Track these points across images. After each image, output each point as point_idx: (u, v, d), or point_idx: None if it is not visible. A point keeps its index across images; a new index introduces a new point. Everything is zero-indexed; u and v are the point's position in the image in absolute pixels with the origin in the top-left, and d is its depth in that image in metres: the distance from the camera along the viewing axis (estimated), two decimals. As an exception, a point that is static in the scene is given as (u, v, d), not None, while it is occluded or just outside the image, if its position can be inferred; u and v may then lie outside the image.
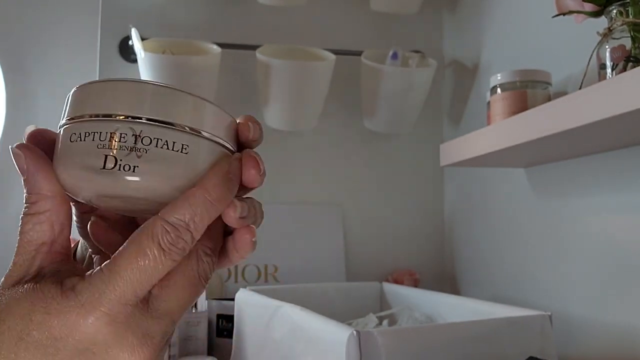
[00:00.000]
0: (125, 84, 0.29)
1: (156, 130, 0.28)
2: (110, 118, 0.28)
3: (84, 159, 0.28)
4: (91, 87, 0.30)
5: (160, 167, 0.28)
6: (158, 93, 0.29)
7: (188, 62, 1.18)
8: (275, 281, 1.28)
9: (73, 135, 0.29)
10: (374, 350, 0.63)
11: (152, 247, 0.27)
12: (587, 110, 0.64)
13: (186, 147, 0.29)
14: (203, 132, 0.30)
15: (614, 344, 0.86)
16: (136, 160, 0.28)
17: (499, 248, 1.18)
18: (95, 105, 0.29)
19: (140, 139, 0.28)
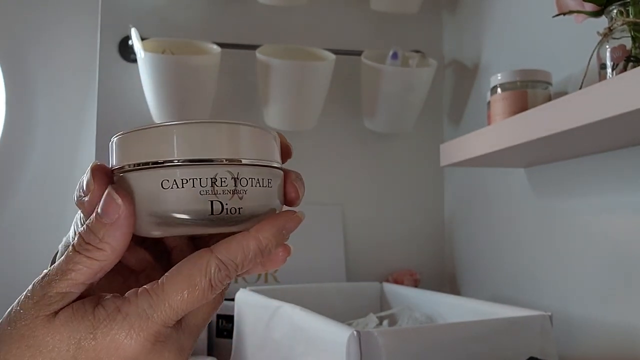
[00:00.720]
0: (217, 126, 0.29)
1: (249, 170, 0.30)
2: (207, 163, 0.29)
3: (185, 206, 0.28)
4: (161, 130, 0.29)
5: (259, 204, 0.30)
6: (246, 133, 0.30)
7: (188, 62, 1.17)
8: (275, 281, 1.28)
9: (165, 182, 0.28)
10: (374, 350, 0.63)
11: (202, 282, 0.28)
12: (587, 110, 0.64)
13: (270, 180, 0.31)
14: (275, 164, 0.32)
15: (614, 344, 0.86)
16: (239, 202, 0.29)
17: (499, 248, 1.18)
18: (186, 148, 0.29)
19: (239, 181, 0.29)
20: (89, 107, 1.32)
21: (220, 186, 0.29)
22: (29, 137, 1.32)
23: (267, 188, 0.31)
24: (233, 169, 0.29)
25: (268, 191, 0.31)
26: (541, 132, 0.73)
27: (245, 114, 1.32)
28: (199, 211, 0.29)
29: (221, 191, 0.29)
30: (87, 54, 1.32)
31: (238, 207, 0.29)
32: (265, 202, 0.31)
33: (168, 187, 0.28)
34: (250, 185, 0.30)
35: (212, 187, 0.29)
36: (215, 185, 0.29)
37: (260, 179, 0.30)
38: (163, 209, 0.29)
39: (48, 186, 1.31)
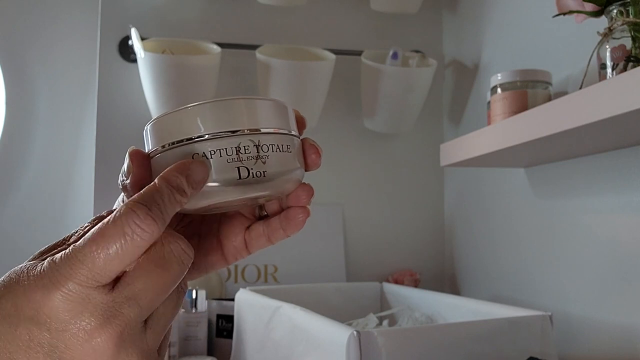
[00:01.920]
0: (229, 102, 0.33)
1: (269, 137, 0.33)
2: (230, 134, 0.32)
3: (215, 175, 0.32)
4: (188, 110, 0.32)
5: (281, 167, 0.33)
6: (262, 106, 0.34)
7: (188, 62, 1.17)
8: (275, 281, 1.28)
9: (195, 155, 0.32)
10: (374, 350, 0.63)
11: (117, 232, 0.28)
12: (587, 110, 0.64)
13: (289, 146, 0.34)
14: (292, 132, 0.35)
15: (614, 344, 0.86)
16: (263, 166, 0.32)
17: (499, 248, 1.18)
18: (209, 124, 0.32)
19: (260, 147, 0.32)
20: (89, 107, 1.32)
21: (245, 153, 0.32)
22: (29, 137, 1.32)
23: (287, 153, 0.34)
24: (254, 137, 0.32)
25: (287, 155, 0.34)
26: (541, 132, 0.73)
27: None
28: (229, 178, 0.32)
29: (245, 158, 0.32)
30: (87, 54, 1.32)
31: (262, 170, 0.32)
32: (286, 165, 0.34)
33: (199, 159, 0.32)
34: (271, 151, 0.33)
35: (237, 154, 0.32)
36: (240, 153, 0.32)
37: (280, 145, 0.33)
38: None
39: (48, 186, 1.31)
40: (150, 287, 0.29)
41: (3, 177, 1.29)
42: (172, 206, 0.30)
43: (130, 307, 0.28)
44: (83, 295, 0.27)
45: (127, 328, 0.28)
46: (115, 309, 0.28)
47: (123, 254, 0.28)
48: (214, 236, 0.39)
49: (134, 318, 0.28)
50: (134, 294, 0.28)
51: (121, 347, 0.28)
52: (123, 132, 1.26)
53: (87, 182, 1.28)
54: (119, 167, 0.35)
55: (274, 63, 1.20)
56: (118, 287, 0.28)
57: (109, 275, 0.28)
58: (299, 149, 0.36)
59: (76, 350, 0.27)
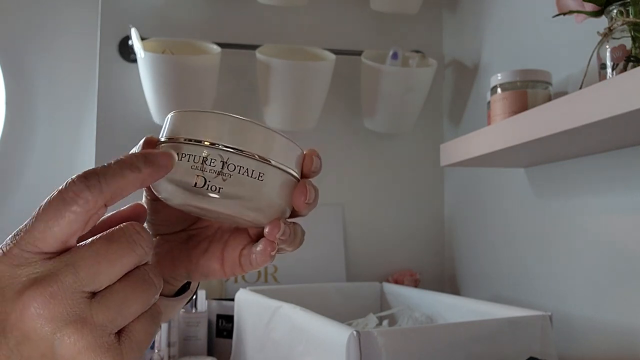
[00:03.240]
0: (217, 116, 0.34)
1: (239, 158, 0.34)
2: (202, 144, 0.34)
3: (180, 176, 0.34)
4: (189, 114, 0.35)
5: (239, 190, 0.34)
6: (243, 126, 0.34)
7: (188, 62, 1.17)
8: (275, 281, 1.28)
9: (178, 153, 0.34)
10: (374, 350, 0.63)
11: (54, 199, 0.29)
12: (587, 110, 0.64)
13: (262, 174, 0.34)
14: (273, 162, 0.35)
15: (614, 344, 0.86)
16: (222, 183, 0.33)
17: (498, 248, 1.18)
18: (190, 130, 0.34)
19: (227, 165, 0.33)
20: (89, 107, 1.32)
21: (209, 165, 0.33)
22: (29, 137, 1.32)
23: (256, 180, 0.34)
24: (224, 154, 0.34)
25: (255, 183, 0.34)
26: (541, 132, 0.73)
27: (245, 114, 1.32)
28: (185, 182, 0.34)
29: (208, 170, 0.33)
30: (87, 54, 1.32)
31: (219, 186, 0.33)
32: (250, 191, 0.34)
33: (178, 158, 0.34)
34: (237, 172, 0.34)
35: (202, 164, 0.33)
36: (204, 164, 0.33)
37: (249, 170, 0.34)
38: (168, 178, 0.34)
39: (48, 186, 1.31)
40: (91, 255, 0.29)
41: (3, 177, 1.29)
42: (116, 178, 0.30)
43: (66, 272, 0.28)
44: (23, 258, 0.28)
45: (60, 290, 0.28)
46: (51, 271, 0.28)
47: (60, 218, 0.29)
48: (221, 246, 0.40)
49: (69, 283, 0.28)
50: (73, 261, 0.29)
51: (50, 304, 0.28)
52: (123, 132, 1.26)
53: (87, 182, 1.28)
54: None
55: (274, 63, 1.20)
56: (60, 256, 0.29)
57: (49, 242, 0.29)
58: (283, 185, 0.36)
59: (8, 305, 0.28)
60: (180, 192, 0.34)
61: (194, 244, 0.41)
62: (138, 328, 0.30)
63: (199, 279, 0.41)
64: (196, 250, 0.40)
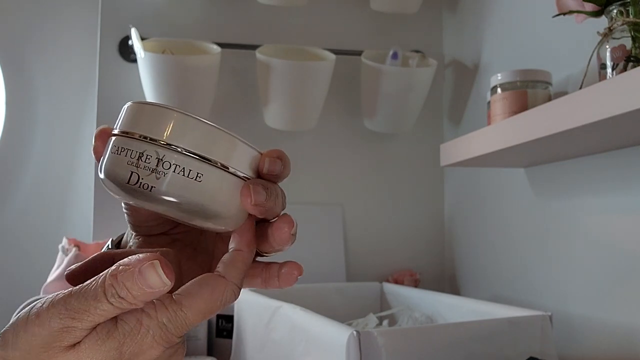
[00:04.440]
0: (161, 110, 0.33)
1: (177, 156, 0.32)
2: (139, 139, 0.32)
3: (116, 171, 0.33)
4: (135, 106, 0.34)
5: (176, 190, 0.32)
6: (187, 123, 0.32)
7: (188, 62, 1.17)
8: (275, 281, 1.28)
9: (114, 147, 0.33)
10: (374, 350, 0.63)
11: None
12: (587, 110, 0.64)
13: (200, 175, 0.32)
14: (216, 162, 0.33)
15: (614, 344, 0.86)
16: (155, 182, 0.32)
17: (499, 248, 1.18)
18: (132, 123, 0.33)
19: (162, 163, 0.32)
20: (89, 107, 1.32)
21: (144, 162, 0.32)
22: (29, 137, 1.32)
23: (193, 181, 0.32)
24: (160, 151, 0.32)
25: (192, 183, 0.32)
26: (541, 132, 0.73)
27: (245, 114, 1.32)
28: (121, 177, 0.32)
29: (143, 166, 0.32)
30: (87, 54, 1.32)
31: (152, 185, 0.32)
32: (185, 191, 0.32)
33: (114, 152, 0.33)
34: (173, 171, 0.32)
35: (137, 160, 0.32)
36: (140, 160, 0.32)
37: (186, 169, 0.32)
38: (106, 169, 0.33)
39: (48, 186, 1.31)
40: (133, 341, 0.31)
41: (3, 177, 1.29)
42: None
43: None
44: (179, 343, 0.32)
45: None
46: None
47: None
48: (208, 256, 0.40)
49: None
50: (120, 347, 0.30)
51: None
52: (123, 132, 1.26)
53: (86, 182, 1.28)
54: None
55: (274, 63, 1.20)
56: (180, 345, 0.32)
57: None
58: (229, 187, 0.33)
59: None
60: (117, 189, 0.33)
61: (178, 248, 0.40)
62: None
63: None
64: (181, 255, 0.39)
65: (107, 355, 0.29)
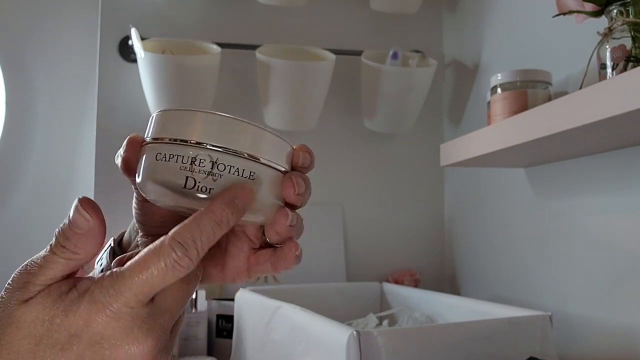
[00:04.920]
0: (205, 115, 0.34)
1: (229, 158, 0.33)
2: (190, 144, 0.33)
3: (168, 177, 0.33)
4: (175, 113, 0.34)
5: None
6: (231, 124, 0.34)
7: (188, 62, 1.17)
8: (275, 281, 1.28)
9: (158, 154, 0.33)
10: (374, 350, 0.63)
11: (157, 264, 0.31)
12: (587, 110, 0.64)
13: (253, 173, 0.34)
14: (263, 159, 0.35)
15: (614, 344, 0.86)
16: (212, 184, 0.33)
17: (498, 248, 1.18)
18: (177, 130, 0.33)
19: (216, 165, 0.33)
20: (89, 107, 1.32)
21: (198, 166, 0.33)
22: (29, 137, 1.32)
23: (248, 180, 0.34)
24: (213, 154, 0.33)
25: (249, 183, 0.34)
26: (541, 132, 0.73)
27: (245, 114, 1.32)
28: (176, 183, 0.33)
29: (198, 170, 0.33)
30: (87, 54, 1.32)
31: (209, 187, 0.33)
32: None
33: (160, 159, 0.33)
34: (228, 172, 0.33)
35: (191, 165, 0.33)
36: (193, 164, 0.33)
37: (240, 169, 0.34)
38: (153, 177, 0.34)
39: (48, 186, 1.31)
40: (179, 299, 0.33)
41: (3, 177, 1.29)
42: (210, 241, 0.32)
43: (164, 317, 0.32)
44: (132, 314, 0.31)
45: (163, 334, 0.32)
46: (154, 319, 0.32)
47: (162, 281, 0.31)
48: (219, 251, 0.41)
49: (167, 326, 0.32)
50: (167, 306, 0.32)
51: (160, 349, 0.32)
52: (123, 132, 1.26)
53: (87, 182, 1.28)
54: (118, 167, 0.37)
55: (274, 63, 1.20)
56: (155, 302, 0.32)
57: (150, 296, 0.31)
58: (274, 182, 0.36)
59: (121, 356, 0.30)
60: (170, 194, 0.33)
61: None
62: None
63: None
64: None
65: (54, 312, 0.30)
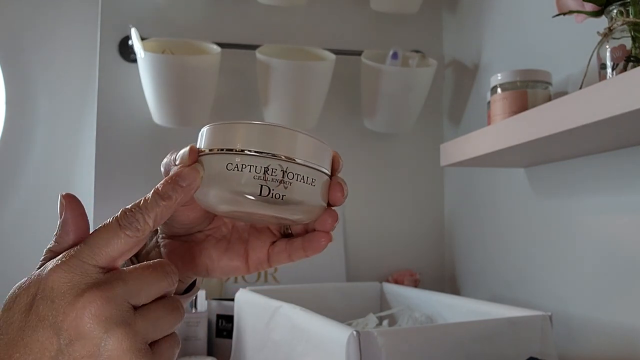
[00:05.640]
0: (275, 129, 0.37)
1: (297, 167, 0.37)
2: (263, 155, 0.36)
3: (242, 187, 0.36)
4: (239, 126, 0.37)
5: (301, 196, 0.37)
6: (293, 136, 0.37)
7: (188, 62, 1.17)
8: (275, 281, 1.28)
9: (229, 164, 0.36)
10: (374, 350, 0.63)
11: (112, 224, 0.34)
12: (587, 110, 0.64)
13: (314, 180, 0.38)
14: (322, 169, 0.39)
15: (614, 344, 0.86)
16: (284, 190, 0.36)
17: (499, 248, 1.18)
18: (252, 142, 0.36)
19: (287, 174, 0.36)
20: (89, 107, 1.32)
21: (271, 175, 0.36)
22: (29, 137, 1.32)
23: (310, 186, 0.38)
24: (284, 164, 0.36)
25: (311, 188, 0.38)
26: (541, 132, 0.73)
27: (245, 114, 1.32)
28: (251, 192, 0.36)
29: (271, 179, 0.36)
30: (87, 54, 1.32)
31: (282, 194, 0.36)
32: (307, 196, 0.38)
33: (231, 169, 0.36)
34: (296, 180, 0.37)
35: (264, 174, 0.36)
36: (266, 174, 0.36)
37: (305, 177, 0.37)
38: (225, 186, 0.36)
39: (48, 186, 1.31)
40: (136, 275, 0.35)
41: (3, 177, 1.29)
42: (155, 210, 0.35)
43: (118, 283, 0.33)
44: (82, 268, 0.33)
45: (113, 297, 0.33)
46: (105, 281, 0.33)
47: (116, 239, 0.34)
48: (242, 245, 0.43)
49: (120, 293, 0.33)
50: (122, 276, 0.34)
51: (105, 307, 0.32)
52: (123, 132, 1.26)
53: (87, 182, 1.28)
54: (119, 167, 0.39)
55: (274, 63, 1.20)
56: (111, 272, 0.34)
57: (105, 258, 0.34)
58: (325, 185, 0.39)
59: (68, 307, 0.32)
60: (244, 202, 0.36)
61: (212, 243, 0.43)
62: (165, 346, 0.35)
63: (219, 276, 0.44)
64: (216, 249, 0.43)
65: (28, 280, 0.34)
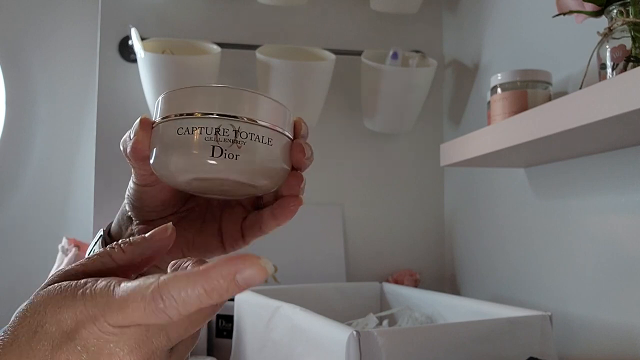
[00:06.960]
0: (219, 88, 0.36)
1: (249, 126, 0.36)
2: (213, 116, 0.35)
3: (193, 149, 0.35)
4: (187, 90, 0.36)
5: (257, 156, 0.36)
6: (244, 95, 0.36)
7: (188, 62, 1.17)
8: (275, 281, 1.28)
9: (180, 129, 0.35)
10: (374, 350, 0.63)
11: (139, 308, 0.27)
12: (587, 110, 0.64)
13: (270, 139, 0.36)
14: (277, 129, 0.37)
15: (614, 344, 0.86)
16: (237, 150, 0.35)
17: (499, 248, 1.18)
18: (195, 104, 0.35)
19: (239, 133, 0.35)
20: (89, 107, 1.32)
21: (222, 135, 0.35)
22: (29, 137, 1.32)
23: (267, 145, 0.36)
24: (235, 123, 0.35)
25: (268, 148, 0.36)
26: (541, 132, 0.73)
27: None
28: (203, 153, 0.35)
29: (223, 139, 0.35)
30: (87, 54, 1.32)
31: (236, 153, 0.35)
32: (265, 156, 0.36)
33: (182, 133, 0.35)
34: (250, 139, 0.35)
35: (215, 135, 0.35)
36: (218, 134, 0.35)
37: (260, 136, 0.36)
38: (179, 152, 0.35)
39: (48, 186, 1.31)
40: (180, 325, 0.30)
41: (3, 177, 1.29)
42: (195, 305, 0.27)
43: (160, 337, 0.30)
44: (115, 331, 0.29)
45: (153, 355, 0.30)
46: (147, 337, 0.29)
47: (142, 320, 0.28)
48: (216, 223, 0.42)
49: (161, 347, 0.30)
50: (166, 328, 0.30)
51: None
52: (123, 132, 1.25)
53: (87, 182, 1.28)
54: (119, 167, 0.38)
55: (274, 63, 1.20)
56: None
57: None
58: (286, 148, 0.38)
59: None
60: (196, 165, 0.35)
61: (187, 224, 0.42)
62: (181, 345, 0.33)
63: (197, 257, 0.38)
64: (190, 230, 0.41)
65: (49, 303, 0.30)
